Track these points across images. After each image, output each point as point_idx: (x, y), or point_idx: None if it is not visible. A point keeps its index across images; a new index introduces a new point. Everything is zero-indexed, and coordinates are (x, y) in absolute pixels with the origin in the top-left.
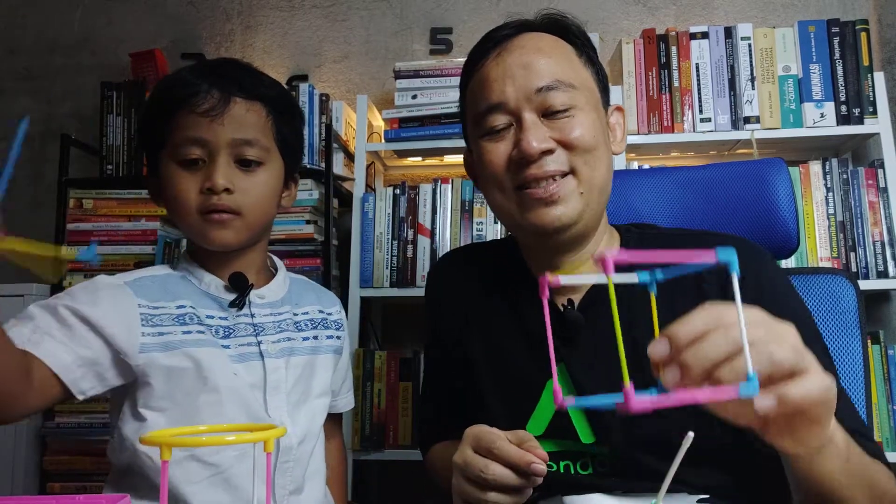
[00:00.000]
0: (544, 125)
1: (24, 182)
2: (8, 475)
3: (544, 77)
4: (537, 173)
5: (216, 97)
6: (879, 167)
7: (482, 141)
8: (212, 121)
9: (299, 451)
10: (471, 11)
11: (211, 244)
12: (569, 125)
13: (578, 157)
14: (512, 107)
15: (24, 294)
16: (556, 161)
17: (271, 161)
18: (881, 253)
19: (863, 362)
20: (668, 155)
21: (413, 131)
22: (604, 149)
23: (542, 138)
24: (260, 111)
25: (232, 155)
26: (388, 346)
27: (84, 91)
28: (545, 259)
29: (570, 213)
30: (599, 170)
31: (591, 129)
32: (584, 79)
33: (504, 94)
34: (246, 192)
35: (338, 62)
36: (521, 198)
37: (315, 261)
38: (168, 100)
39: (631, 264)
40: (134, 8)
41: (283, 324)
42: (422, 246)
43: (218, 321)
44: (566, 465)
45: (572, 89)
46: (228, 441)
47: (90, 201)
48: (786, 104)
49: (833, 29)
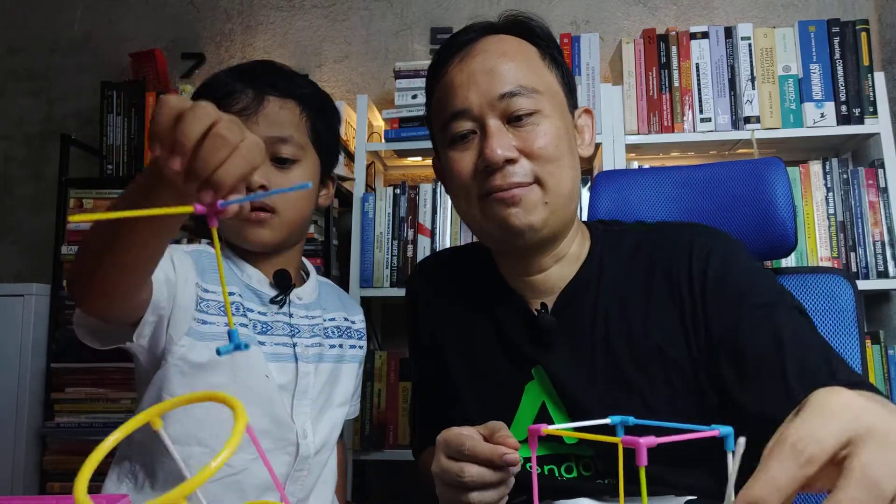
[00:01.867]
0: (509, 132)
1: (24, 182)
2: (8, 475)
3: (508, 83)
4: (502, 184)
5: (250, 96)
6: (879, 167)
7: (449, 150)
8: (246, 119)
9: (315, 460)
10: (471, 11)
11: (248, 243)
12: (532, 134)
13: (542, 168)
14: (476, 113)
15: (25, 294)
16: (519, 172)
17: (307, 158)
18: (881, 253)
19: (861, 362)
20: (668, 155)
21: (413, 131)
22: (568, 156)
23: (506, 146)
24: (294, 108)
25: (267, 153)
26: (388, 346)
27: (84, 91)
28: (516, 262)
29: (533, 220)
30: (564, 179)
31: (555, 138)
32: (548, 83)
33: (467, 100)
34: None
35: (338, 62)
36: (486, 204)
37: (315, 261)
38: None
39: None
40: (134, 8)
41: (316, 328)
42: (422, 246)
43: (258, 316)
44: (550, 468)
45: (536, 94)
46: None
47: (90, 201)
48: (786, 104)
49: (833, 29)
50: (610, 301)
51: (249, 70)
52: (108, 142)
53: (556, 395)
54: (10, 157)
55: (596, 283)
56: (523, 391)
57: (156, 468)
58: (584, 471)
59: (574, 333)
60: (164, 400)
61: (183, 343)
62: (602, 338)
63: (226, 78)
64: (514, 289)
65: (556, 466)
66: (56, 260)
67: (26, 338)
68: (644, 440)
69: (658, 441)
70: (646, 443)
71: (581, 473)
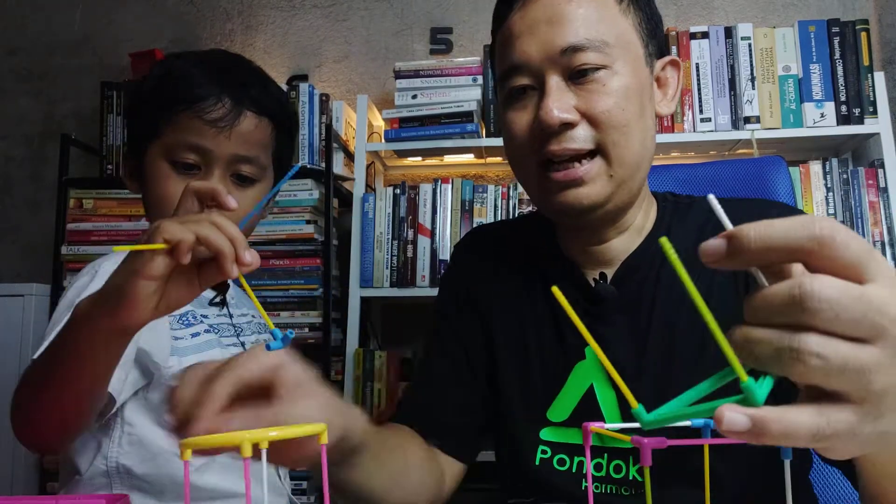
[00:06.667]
0: (570, 90)
1: (24, 182)
2: (8, 475)
3: (572, 34)
4: (557, 150)
5: (227, 107)
6: (879, 167)
7: (505, 109)
8: (218, 132)
9: None
10: (471, 11)
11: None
12: (596, 94)
13: (605, 135)
14: (534, 68)
15: (25, 294)
16: (579, 138)
17: (265, 178)
18: (881, 253)
19: None
20: (669, 155)
21: (413, 131)
22: (638, 120)
23: (564, 107)
24: (266, 128)
25: (230, 169)
26: (388, 346)
27: (84, 91)
28: (575, 233)
29: (595, 195)
30: (631, 147)
31: (623, 100)
32: (621, 32)
33: (525, 53)
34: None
35: (338, 62)
36: (543, 179)
37: (315, 261)
38: (171, 96)
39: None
40: (134, 8)
41: (252, 325)
42: (422, 246)
43: (205, 319)
44: (580, 461)
45: (605, 47)
46: (294, 432)
47: (90, 201)
48: (786, 104)
49: (833, 29)
50: (674, 276)
51: (223, 70)
52: (108, 142)
53: (608, 376)
54: (10, 158)
55: (660, 256)
56: (571, 370)
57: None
58: (614, 473)
59: (632, 308)
60: (163, 420)
61: (171, 364)
62: (661, 315)
63: (198, 76)
64: (571, 260)
65: (586, 460)
66: (56, 260)
67: (26, 338)
68: (648, 441)
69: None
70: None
71: (610, 474)
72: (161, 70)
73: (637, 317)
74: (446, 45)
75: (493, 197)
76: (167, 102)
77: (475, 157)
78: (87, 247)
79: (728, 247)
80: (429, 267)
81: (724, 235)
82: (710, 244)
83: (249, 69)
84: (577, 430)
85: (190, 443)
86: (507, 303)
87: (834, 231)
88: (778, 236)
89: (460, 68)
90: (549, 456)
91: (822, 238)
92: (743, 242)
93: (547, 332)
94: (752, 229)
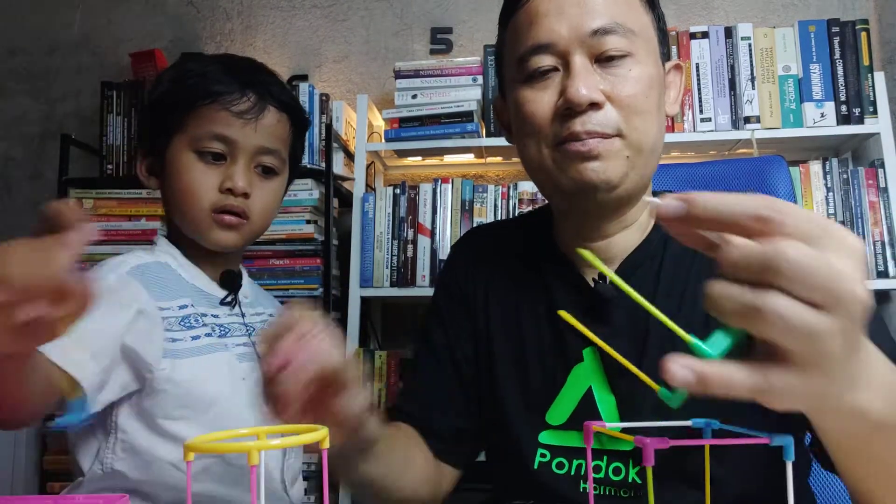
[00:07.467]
0: (596, 73)
1: (24, 182)
2: (8, 475)
3: (602, 17)
4: (580, 131)
5: (252, 100)
6: (879, 167)
7: (522, 88)
8: (245, 123)
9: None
10: (471, 11)
11: (211, 243)
12: (622, 79)
13: (628, 119)
14: (561, 48)
15: None
16: (602, 120)
17: (283, 172)
18: (881, 253)
19: None
20: (669, 155)
21: (413, 131)
22: (656, 111)
23: (592, 87)
24: (286, 124)
25: (254, 160)
26: (388, 346)
27: (84, 91)
28: (581, 225)
29: (612, 174)
30: (649, 134)
31: (647, 87)
32: (644, 24)
33: (553, 32)
34: (260, 199)
35: (338, 62)
36: (560, 154)
37: (315, 260)
38: (196, 90)
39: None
40: (134, 8)
41: (265, 325)
42: (422, 246)
43: (213, 319)
44: (578, 464)
45: (631, 35)
46: (298, 441)
47: (90, 201)
48: (786, 104)
49: (833, 29)
50: (674, 274)
51: (242, 68)
52: (108, 142)
53: (606, 378)
54: (10, 158)
55: (661, 254)
56: (569, 373)
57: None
58: (614, 475)
59: (632, 307)
60: (158, 424)
61: (163, 366)
62: (660, 312)
63: (219, 72)
64: (570, 260)
65: (584, 463)
66: None
67: None
68: (651, 441)
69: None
70: (653, 444)
71: (609, 477)
72: (178, 69)
73: (637, 315)
74: (446, 45)
75: (493, 197)
76: (191, 97)
77: (475, 156)
78: (87, 246)
79: (686, 207)
80: (429, 267)
81: (678, 197)
82: (668, 204)
83: (266, 70)
84: (576, 433)
85: (194, 447)
86: (505, 304)
87: (783, 213)
88: (725, 209)
89: (460, 68)
90: (548, 459)
91: (766, 217)
92: (696, 206)
93: (545, 335)
94: (705, 195)
